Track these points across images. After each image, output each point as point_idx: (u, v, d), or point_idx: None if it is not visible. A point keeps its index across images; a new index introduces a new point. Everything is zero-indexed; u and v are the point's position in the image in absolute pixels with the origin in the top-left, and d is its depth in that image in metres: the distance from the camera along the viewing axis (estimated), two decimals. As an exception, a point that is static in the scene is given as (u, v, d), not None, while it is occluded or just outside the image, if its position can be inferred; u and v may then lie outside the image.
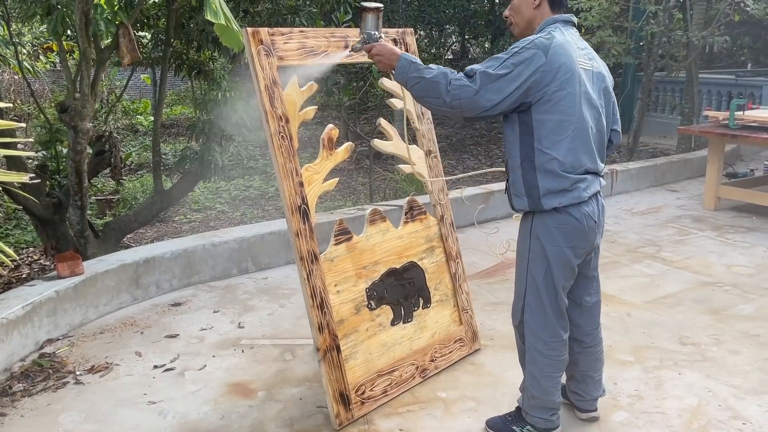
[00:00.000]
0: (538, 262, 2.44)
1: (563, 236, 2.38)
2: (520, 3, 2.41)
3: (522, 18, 2.42)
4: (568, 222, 2.36)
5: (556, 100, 2.26)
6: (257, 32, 2.72)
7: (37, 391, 3.12)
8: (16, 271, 5.41)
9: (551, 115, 2.27)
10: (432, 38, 15.20)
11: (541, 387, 2.55)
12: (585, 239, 2.42)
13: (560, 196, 2.33)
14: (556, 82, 2.24)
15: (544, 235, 2.40)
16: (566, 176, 2.31)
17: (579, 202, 2.34)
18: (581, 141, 2.32)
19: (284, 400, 3.03)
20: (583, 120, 2.32)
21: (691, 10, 8.27)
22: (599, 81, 2.43)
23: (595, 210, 2.42)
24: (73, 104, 4.26)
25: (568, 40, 2.32)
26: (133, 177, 8.95)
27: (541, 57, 2.22)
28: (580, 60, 2.34)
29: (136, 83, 15.78)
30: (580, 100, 2.30)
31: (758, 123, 5.89)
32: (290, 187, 2.74)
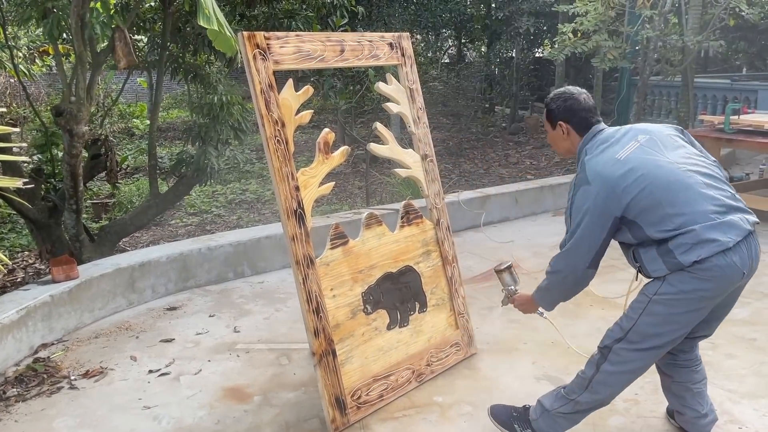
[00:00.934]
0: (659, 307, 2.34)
1: (701, 287, 2.28)
2: (554, 137, 2.62)
3: (561, 147, 2.62)
4: (709, 275, 2.24)
5: (632, 196, 2.27)
6: (253, 36, 2.72)
7: (32, 396, 3.10)
8: (10, 275, 5.39)
9: (639, 203, 2.27)
10: (428, 42, 15.23)
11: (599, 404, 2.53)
12: (727, 287, 2.32)
13: (697, 249, 2.22)
14: (618, 192, 2.28)
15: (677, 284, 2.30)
16: (686, 231, 2.23)
17: (719, 252, 2.21)
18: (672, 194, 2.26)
19: (280, 405, 3.02)
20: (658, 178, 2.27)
21: (686, 15, 8.30)
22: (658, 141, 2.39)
23: (743, 259, 2.26)
24: (68, 108, 4.25)
25: (597, 160, 2.36)
26: (128, 180, 8.93)
27: (587, 188, 2.33)
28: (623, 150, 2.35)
29: (132, 87, 15.77)
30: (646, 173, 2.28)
31: (753, 127, 5.91)
32: (286, 191, 2.74)
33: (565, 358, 3.41)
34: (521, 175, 8.76)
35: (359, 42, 3.15)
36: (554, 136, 2.60)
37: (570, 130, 2.53)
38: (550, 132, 2.62)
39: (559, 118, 2.54)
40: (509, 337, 3.69)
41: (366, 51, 3.17)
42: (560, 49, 8.14)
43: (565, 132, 2.54)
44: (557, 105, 2.55)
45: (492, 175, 8.82)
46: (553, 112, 2.56)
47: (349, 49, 3.08)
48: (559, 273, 2.49)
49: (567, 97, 2.54)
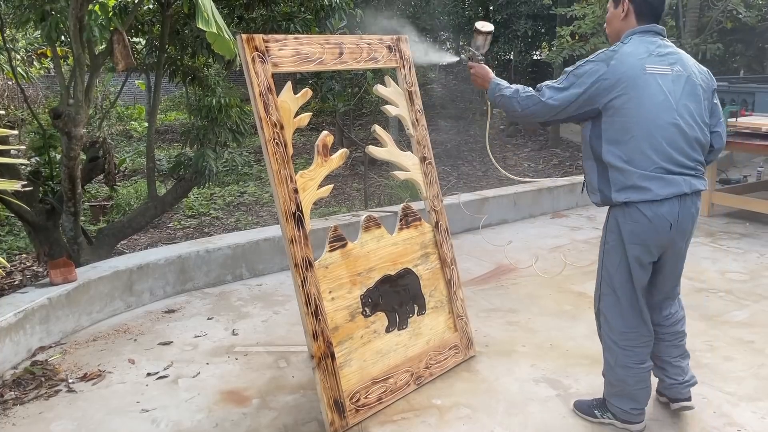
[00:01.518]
0: (612, 254, 2.59)
1: (633, 232, 2.50)
2: (611, 16, 2.65)
3: (613, 29, 2.65)
4: (638, 219, 2.47)
5: (620, 104, 2.44)
6: (252, 39, 2.72)
7: (29, 399, 3.09)
8: (8, 277, 5.38)
9: (617, 117, 2.45)
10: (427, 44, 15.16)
11: (616, 375, 2.68)
12: (657, 237, 2.49)
13: (629, 191, 2.45)
14: (618, 88, 2.43)
15: (616, 229, 2.55)
16: (632, 172, 2.43)
17: (649, 201, 2.43)
18: (651, 142, 2.42)
19: (278, 408, 3.01)
20: (655, 120, 2.43)
21: (683, 18, 8.32)
22: (683, 83, 2.50)
23: (674, 212, 2.46)
24: (66, 110, 4.24)
25: (636, 50, 2.48)
26: (127, 183, 8.93)
27: (602, 67, 2.46)
28: (655, 66, 2.47)
29: (130, 89, 15.76)
30: (649, 103, 2.43)
31: (751, 129, 5.92)
32: (285, 194, 2.74)
33: (564, 360, 3.41)
34: (519, 176, 8.77)
35: (358, 45, 3.15)
36: (612, 14, 2.63)
37: (630, 12, 2.55)
38: (610, 9, 2.65)
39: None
40: (508, 339, 3.69)
41: (364, 53, 3.17)
42: (558, 52, 8.17)
43: (625, 12, 2.56)
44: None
45: (490, 178, 8.83)
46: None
47: (347, 52, 3.08)
48: (517, 106, 2.61)
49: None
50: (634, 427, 2.74)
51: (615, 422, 2.77)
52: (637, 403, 2.71)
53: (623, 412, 2.72)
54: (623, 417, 2.73)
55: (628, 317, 2.63)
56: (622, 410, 2.72)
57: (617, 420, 2.76)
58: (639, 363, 2.67)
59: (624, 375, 2.67)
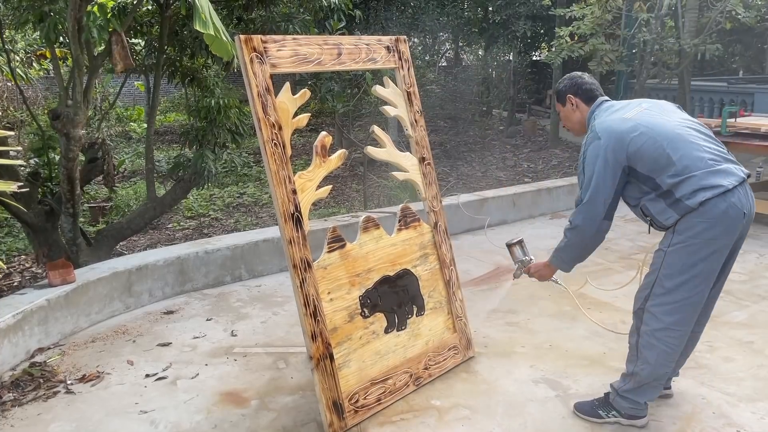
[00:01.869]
0: (678, 254, 2.56)
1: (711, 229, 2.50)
2: (566, 113, 2.91)
3: (574, 123, 2.90)
4: (716, 215, 2.47)
5: (637, 147, 2.54)
6: (250, 39, 2.72)
7: (28, 401, 3.09)
8: (7, 279, 5.37)
9: (643, 154, 2.54)
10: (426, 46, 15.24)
11: (655, 372, 2.69)
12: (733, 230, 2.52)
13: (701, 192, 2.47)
14: (625, 140, 2.56)
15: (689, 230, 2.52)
16: (693, 176, 2.48)
17: (723, 192, 2.47)
18: (679, 145, 2.53)
19: (277, 409, 3.01)
20: (670, 131, 2.56)
21: (682, 18, 8.33)
22: (659, 107, 2.72)
23: (743, 200, 2.51)
24: (65, 111, 4.24)
25: (604, 119, 2.68)
26: (126, 184, 8.92)
27: (598, 144, 2.60)
28: (629, 113, 2.66)
29: (129, 90, 15.76)
30: (655, 123, 2.59)
31: (750, 130, 5.92)
32: (283, 195, 2.73)
33: (563, 361, 3.41)
34: (519, 178, 8.76)
35: (356, 45, 3.15)
36: (565, 112, 2.91)
37: (578, 102, 2.85)
38: (561, 111, 2.93)
39: (568, 92, 2.86)
40: (507, 340, 3.69)
41: (363, 54, 3.17)
42: (557, 53, 8.16)
43: (574, 105, 2.85)
44: (564, 84, 2.90)
45: (489, 178, 8.82)
46: (562, 90, 2.90)
47: (346, 53, 3.08)
48: (578, 227, 2.68)
49: (572, 76, 2.90)
50: (639, 422, 2.79)
51: (620, 420, 2.79)
52: (655, 394, 2.79)
53: (635, 407, 2.76)
54: (632, 412, 2.77)
55: (685, 316, 2.61)
56: (636, 405, 2.76)
57: (622, 417, 2.79)
58: (674, 362, 2.75)
59: (661, 372, 2.70)
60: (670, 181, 2.51)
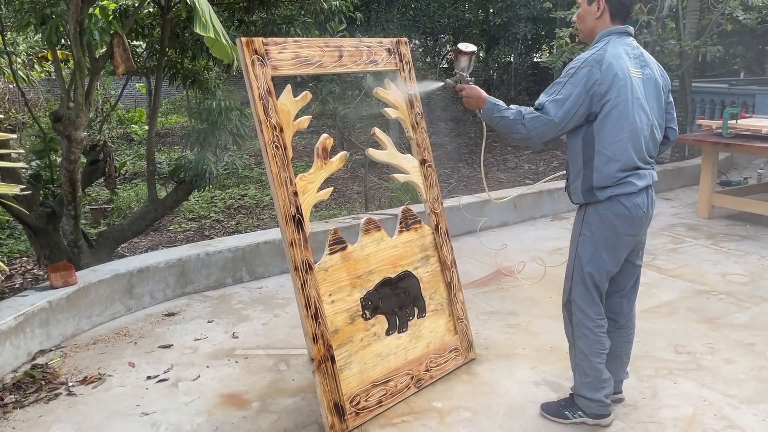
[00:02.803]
0: (588, 245, 2.68)
1: (613, 223, 2.61)
2: (585, 13, 2.65)
3: (585, 26, 2.68)
4: (619, 210, 2.59)
5: (614, 105, 2.51)
6: (251, 42, 2.73)
7: (29, 403, 3.09)
8: (9, 281, 5.38)
9: (609, 119, 2.53)
10: (427, 47, 15.23)
11: (591, 363, 2.73)
12: (632, 227, 2.63)
13: (615, 187, 2.58)
14: (612, 90, 2.50)
15: (596, 222, 2.64)
16: (618, 169, 2.56)
17: (629, 193, 2.58)
18: (633, 141, 2.56)
19: (278, 411, 3.01)
20: (636, 123, 2.56)
21: (683, 20, 8.33)
22: (652, 86, 2.65)
23: (645, 201, 2.63)
24: (66, 113, 4.24)
25: (619, 52, 2.55)
26: (127, 186, 8.92)
27: (596, 72, 2.50)
28: (632, 69, 2.57)
29: (131, 92, 15.79)
30: (633, 106, 2.54)
31: (751, 131, 5.92)
32: (284, 197, 2.74)
33: (564, 363, 3.40)
34: (520, 179, 8.76)
35: (357, 47, 3.15)
36: (586, 11, 2.64)
37: (605, 12, 2.60)
38: (582, 7, 2.66)
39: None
40: (508, 342, 3.69)
41: (364, 56, 3.17)
42: (558, 55, 8.16)
43: (600, 11, 2.60)
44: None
45: (490, 180, 8.82)
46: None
47: (347, 55, 3.08)
48: (527, 133, 2.59)
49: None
50: (605, 421, 2.80)
51: (586, 420, 2.80)
52: (609, 389, 2.78)
53: (596, 404, 2.77)
54: (595, 411, 2.78)
55: (598, 306, 2.73)
56: (596, 402, 2.76)
57: (588, 417, 2.80)
58: (605, 350, 2.77)
59: (597, 363, 2.73)
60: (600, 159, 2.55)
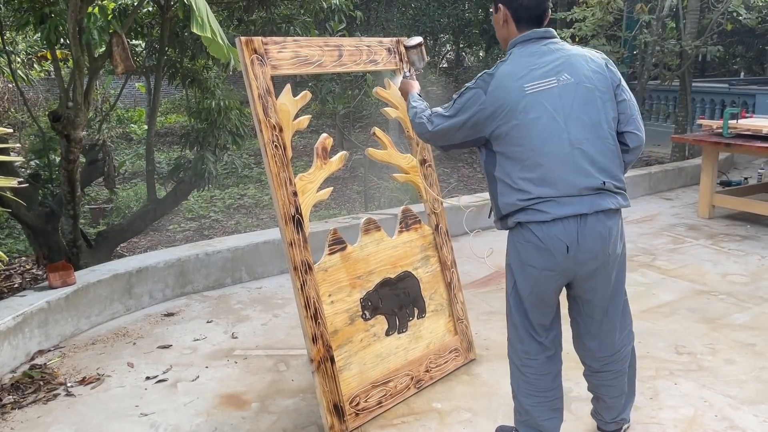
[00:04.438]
0: (508, 275, 2.44)
1: (526, 253, 2.30)
2: (494, 22, 2.47)
3: (499, 36, 2.48)
4: (530, 240, 2.26)
5: (504, 132, 2.25)
6: (251, 41, 2.71)
7: (28, 403, 3.08)
8: (7, 280, 5.37)
9: (504, 146, 2.28)
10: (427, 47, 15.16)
11: (519, 402, 2.50)
12: (552, 261, 2.25)
13: (520, 213, 2.27)
14: (499, 117, 2.25)
15: (512, 250, 2.38)
16: (523, 196, 2.24)
17: (542, 221, 2.21)
18: (541, 170, 2.21)
19: (278, 412, 3.00)
20: (542, 148, 2.20)
21: (684, 20, 8.32)
22: (575, 92, 2.24)
23: (573, 233, 2.20)
24: (66, 113, 4.24)
25: (514, 69, 2.26)
26: (126, 186, 8.92)
27: (480, 95, 2.28)
28: (535, 83, 2.22)
29: (130, 91, 15.77)
30: (536, 128, 2.21)
31: (752, 131, 5.91)
32: (284, 197, 2.73)
33: (565, 364, 3.36)
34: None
35: (357, 47, 3.14)
36: (495, 19, 2.45)
37: (509, 19, 2.35)
38: (493, 14, 2.46)
39: (500, 1, 2.36)
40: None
41: (364, 56, 3.16)
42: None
43: (503, 19, 2.37)
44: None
45: (490, 180, 8.81)
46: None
47: (347, 54, 3.07)
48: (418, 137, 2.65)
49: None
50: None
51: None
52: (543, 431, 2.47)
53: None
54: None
55: (526, 344, 2.44)
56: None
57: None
58: (542, 391, 2.46)
59: (527, 404, 2.45)
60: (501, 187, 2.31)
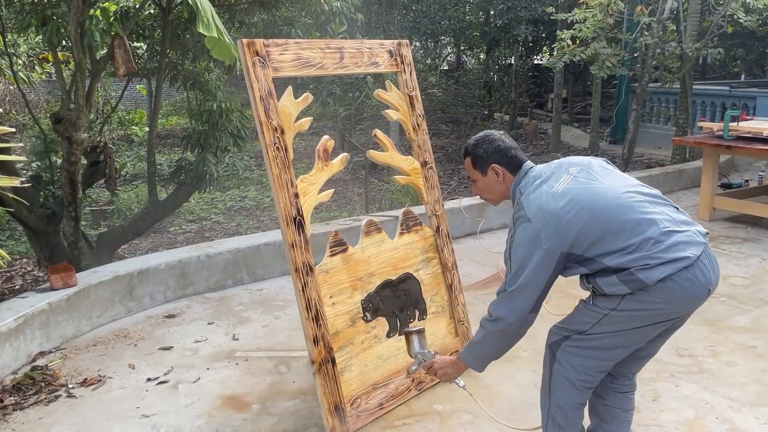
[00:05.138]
0: (604, 340, 2.28)
1: (673, 302, 2.17)
2: (487, 184, 2.45)
3: (495, 194, 2.48)
4: (676, 288, 2.14)
5: (570, 227, 2.16)
6: (252, 43, 2.72)
7: (29, 405, 3.08)
8: (8, 282, 5.37)
9: (581, 239, 2.17)
10: (427, 49, 15.24)
11: (568, 417, 2.40)
12: (692, 306, 2.22)
13: (662, 267, 2.10)
14: (562, 225, 2.16)
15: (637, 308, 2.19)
16: (642, 252, 2.11)
17: (687, 266, 2.11)
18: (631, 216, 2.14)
19: (279, 414, 3.00)
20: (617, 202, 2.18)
21: (684, 22, 8.33)
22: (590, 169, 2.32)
23: (707, 270, 2.16)
24: (67, 115, 4.24)
25: (533, 190, 2.27)
26: (127, 187, 8.93)
27: (536, 226, 2.18)
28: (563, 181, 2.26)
29: (131, 93, 15.79)
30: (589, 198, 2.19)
31: (752, 134, 5.91)
32: (285, 199, 2.73)
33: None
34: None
35: (358, 49, 3.15)
36: (487, 182, 2.45)
37: (505, 172, 2.40)
38: (480, 180, 2.46)
39: (491, 161, 2.40)
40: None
41: (365, 58, 3.17)
42: (559, 57, 8.15)
43: (500, 175, 2.41)
44: (485, 149, 2.41)
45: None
46: (482, 157, 2.42)
47: (348, 57, 3.08)
48: (500, 321, 2.27)
49: (492, 139, 2.42)
50: None
51: None
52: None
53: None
54: None
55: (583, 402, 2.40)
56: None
57: None
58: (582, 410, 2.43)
59: (574, 416, 2.39)
60: (619, 261, 2.12)
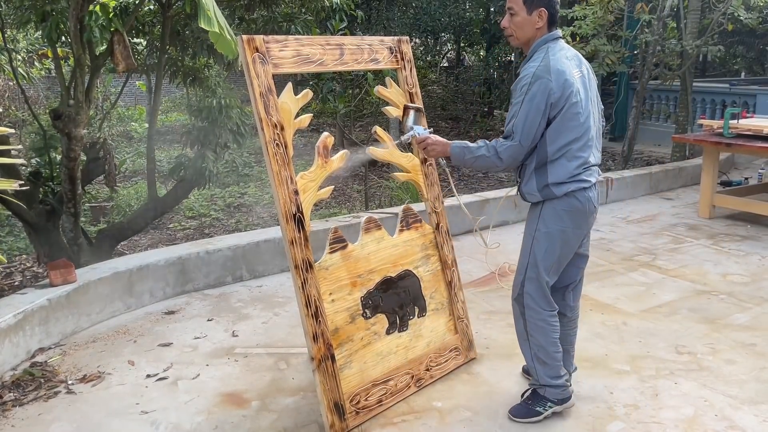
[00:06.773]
0: (542, 241, 2.73)
1: (569, 218, 2.69)
2: (524, 22, 2.64)
3: (524, 35, 2.68)
4: (574, 205, 2.67)
5: (563, 111, 2.58)
6: (252, 40, 2.72)
7: (29, 401, 3.08)
8: (8, 278, 5.37)
9: (561, 123, 2.59)
10: (428, 46, 15.22)
11: (549, 353, 2.80)
12: (585, 221, 2.74)
13: (570, 183, 2.64)
14: (564, 96, 2.56)
15: (551, 217, 2.70)
16: (573, 167, 2.63)
17: (584, 188, 2.66)
18: (586, 139, 2.65)
19: (278, 410, 3.00)
20: (588, 121, 2.65)
21: (684, 20, 8.32)
22: (588, 83, 2.73)
23: (595, 196, 2.74)
24: (67, 111, 4.24)
25: (560, 57, 2.61)
26: (127, 184, 8.92)
27: (548, 82, 2.53)
28: (574, 71, 2.64)
29: (131, 90, 15.75)
30: (584, 106, 2.63)
31: (752, 132, 5.91)
32: (285, 195, 2.73)
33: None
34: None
35: (359, 46, 3.14)
36: (526, 21, 2.62)
37: (546, 20, 2.62)
38: (520, 16, 2.62)
39: (542, 4, 2.59)
40: (509, 341, 3.67)
41: (365, 55, 3.16)
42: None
43: (542, 20, 2.61)
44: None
45: (491, 179, 8.81)
46: None
47: (348, 53, 3.07)
48: (501, 161, 2.64)
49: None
50: (569, 404, 2.88)
51: (556, 408, 2.85)
52: (565, 374, 2.87)
53: (560, 390, 2.83)
54: (559, 397, 2.84)
55: (550, 297, 2.79)
56: (560, 388, 2.83)
57: (557, 405, 2.84)
58: (558, 338, 2.83)
59: (554, 351, 2.80)
60: (554, 160, 2.61)
